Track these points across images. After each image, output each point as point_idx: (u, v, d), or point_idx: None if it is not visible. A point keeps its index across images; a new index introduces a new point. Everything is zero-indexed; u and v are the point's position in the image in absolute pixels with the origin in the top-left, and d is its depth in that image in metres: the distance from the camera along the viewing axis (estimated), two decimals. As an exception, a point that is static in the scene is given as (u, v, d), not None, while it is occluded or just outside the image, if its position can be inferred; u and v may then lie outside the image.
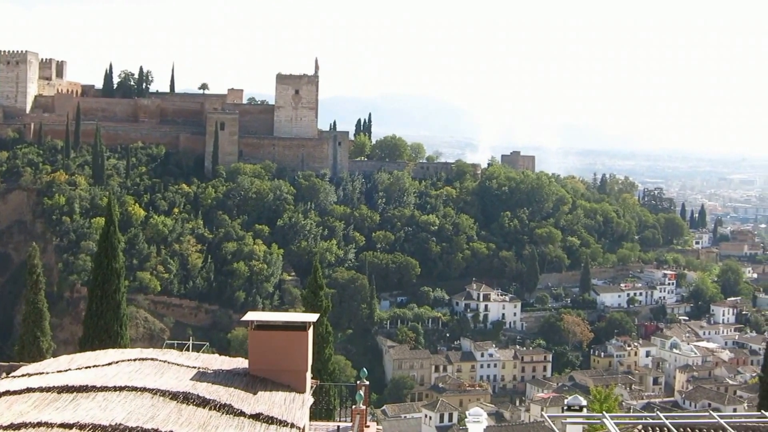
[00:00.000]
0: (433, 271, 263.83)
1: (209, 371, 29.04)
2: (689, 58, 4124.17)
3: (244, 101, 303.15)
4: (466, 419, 45.79)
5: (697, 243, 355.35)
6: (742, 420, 40.09)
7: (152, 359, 29.79)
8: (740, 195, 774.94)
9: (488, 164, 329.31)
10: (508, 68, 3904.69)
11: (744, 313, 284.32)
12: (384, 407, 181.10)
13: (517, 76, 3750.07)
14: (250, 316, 30.82)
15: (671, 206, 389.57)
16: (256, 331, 30.08)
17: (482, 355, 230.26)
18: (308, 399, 29.47)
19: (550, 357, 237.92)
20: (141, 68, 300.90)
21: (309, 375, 30.42)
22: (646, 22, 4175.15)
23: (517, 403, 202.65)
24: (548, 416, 28.57)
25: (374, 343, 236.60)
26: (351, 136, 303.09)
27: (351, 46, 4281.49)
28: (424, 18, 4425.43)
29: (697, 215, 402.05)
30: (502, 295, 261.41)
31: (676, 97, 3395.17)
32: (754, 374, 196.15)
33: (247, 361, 30.26)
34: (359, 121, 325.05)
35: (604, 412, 29.29)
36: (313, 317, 31.04)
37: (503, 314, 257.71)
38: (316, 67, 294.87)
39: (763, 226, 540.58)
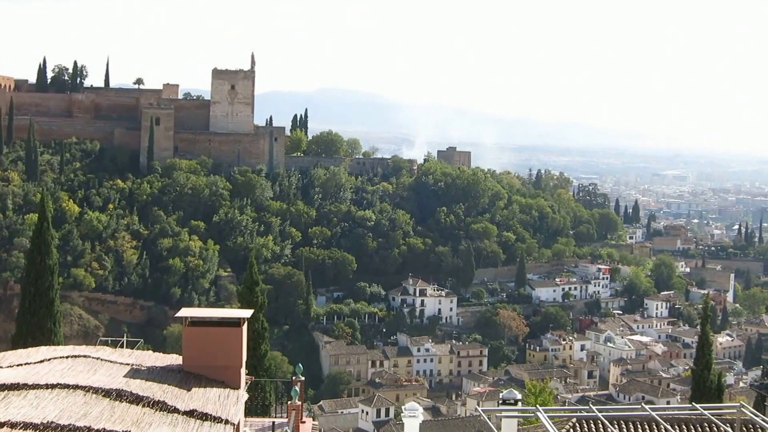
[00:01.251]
0: (369, 267, 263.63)
1: (143, 368, 28.89)
2: (623, 55, 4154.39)
3: (180, 96, 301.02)
4: (402, 414, 45.95)
5: (630, 238, 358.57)
6: (674, 413, 40.64)
7: (85, 356, 29.57)
8: (673, 190, 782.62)
9: (424, 160, 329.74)
10: (444, 64, 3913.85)
11: (677, 306, 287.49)
12: (321, 403, 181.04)
13: (453, 71, 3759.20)
14: (184, 312, 30.69)
15: (605, 202, 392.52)
16: (190, 327, 29.97)
17: (418, 350, 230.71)
18: (243, 395, 29.41)
19: (486, 351, 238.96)
20: (75, 63, 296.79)
21: (244, 371, 30.35)
22: (579, 16, 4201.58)
23: (454, 397, 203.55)
24: (482, 410, 28.75)
25: (311, 339, 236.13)
26: (287, 132, 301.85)
27: (287, 42, 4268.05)
28: (360, 13, 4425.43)
29: (630, 210, 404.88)
30: (438, 290, 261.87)
31: (610, 94, 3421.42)
32: (686, 367, 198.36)
33: (181, 357, 30.14)
34: (295, 116, 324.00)
35: (537, 406, 29.44)
36: (247, 313, 31.00)
37: (439, 309, 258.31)
38: (252, 62, 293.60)
39: (695, 221, 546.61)
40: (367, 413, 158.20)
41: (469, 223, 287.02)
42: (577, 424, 38.83)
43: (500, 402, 40.52)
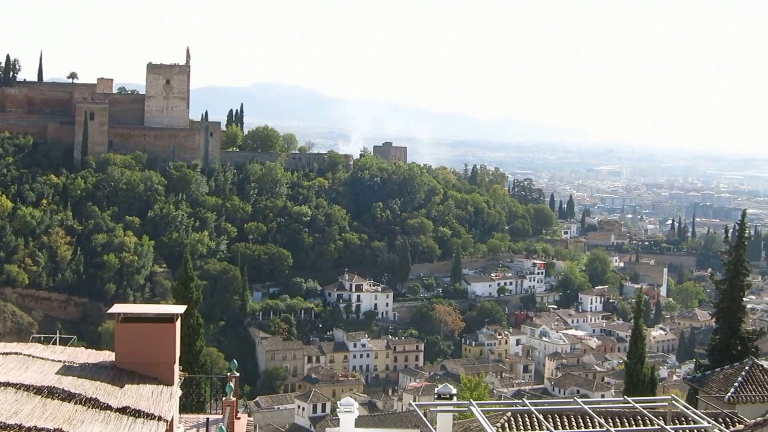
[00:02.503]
0: (305, 262, 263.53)
1: (75, 365, 28.64)
2: (557, 51, 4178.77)
3: (115, 91, 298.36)
4: (338, 409, 45.92)
5: (565, 233, 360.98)
6: (607, 406, 40.97)
7: (16, 353, 29.24)
8: (607, 186, 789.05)
9: (360, 155, 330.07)
10: (380, 59, 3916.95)
11: (611, 301, 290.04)
12: (257, 399, 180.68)
13: (389, 66, 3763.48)
14: (117, 308, 30.47)
15: (540, 197, 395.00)
16: (122, 323, 29.76)
17: (355, 346, 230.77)
18: (176, 391, 29.27)
19: (422, 346, 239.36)
20: (8, 56, 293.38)
21: (177, 367, 30.21)
22: (511, 12, 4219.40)
23: (390, 392, 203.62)
24: (416, 405, 28.83)
25: (247, 335, 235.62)
26: (223, 127, 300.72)
27: (223, 36, 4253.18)
28: (297, 7, 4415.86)
29: (565, 206, 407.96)
30: (374, 285, 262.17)
31: (545, 90, 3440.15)
32: (620, 361, 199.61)
33: (114, 354, 29.94)
34: (231, 111, 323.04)
35: (471, 400, 29.65)
36: (180, 309, 30.82)
37: (375, 304, 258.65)
38: (188, 57, 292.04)
39: (629, 216, 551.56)
40: (303, 409, 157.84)
41: (405, 219, 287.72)
42: (511, 418, 38.98)
43: (435, 397, 40.61)
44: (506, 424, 38.18)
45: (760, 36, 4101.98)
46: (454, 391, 41.50)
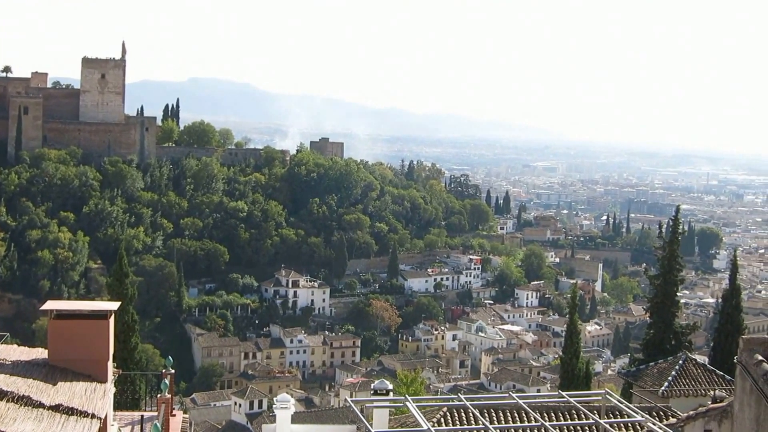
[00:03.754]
0: (242, 258, 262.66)
1: (7, 362, 28.35)
2: (493, 47, 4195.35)
3: (49, 85, 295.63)
4: (274, 405, 45.86)
5: (501, 228, 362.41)
6: (542, 400, 41.23)
7: (-54, 351, 28.93)
8: (543, 182, 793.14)
9: (297, 150, 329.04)
10: (317, 54, 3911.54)
11: (547, 296, 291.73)
12: (193, 395, 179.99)
13: (326, 61, 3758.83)
14: (50, 305, 30.20)
15: (477, 193, 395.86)
16: (55, 320, 29.49)
17: (291, 342, 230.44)
18: (110, 389, 29.05)
19: (358, 342, 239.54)
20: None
21: (111, 364, 29.99)
22: (446, 7, 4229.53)
23: (327, 388, 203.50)
24: (352, 401, 28.88)
25: (183, 331, 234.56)
26: (159, 122, 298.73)
27: (159, 30, 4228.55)
28: (232, 1, 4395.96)
29: (501, 201, 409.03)
30: (311, 281, 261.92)
31: (481, 85, 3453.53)
32: (556, 356, 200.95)
33: (47, 351, 29.67)
34: (167, 106, 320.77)
35: (406, 395, 29.67)
36: (114, 305, 30.59)
37: (312, 300, 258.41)
38: (123, 51, 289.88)
39: (565, 211, 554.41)
40: (239, 405, 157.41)
41: (341, 214, 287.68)
42: (447, 414, 39.16)
43: (372, 392, 40.72)
44: (442, 419, 38.34)
45: (693, 33, 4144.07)
46: (391, 386, 41.61)
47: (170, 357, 38.01)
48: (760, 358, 17.14)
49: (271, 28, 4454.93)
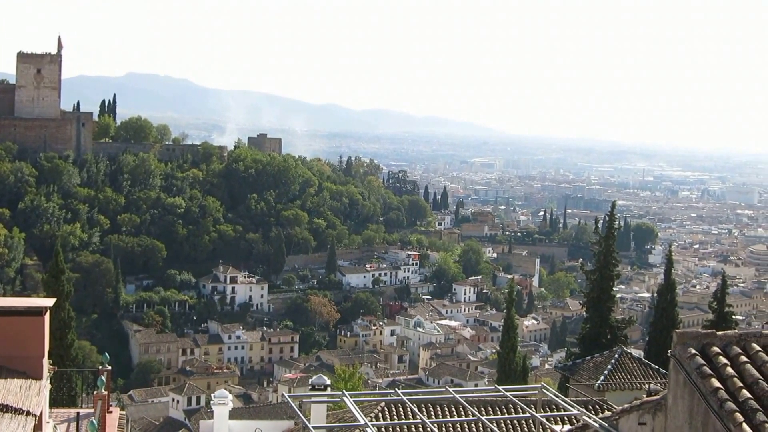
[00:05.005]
0: (179, 254, 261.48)
1: (-59, 359, 28.14)
2: (431, 43, 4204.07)
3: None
4: (211, 402, 45.78)
5: (439, 224, 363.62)
6: (479, 395, 41.46)
7: None
8: (481, 177, 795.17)
9: (235, 146, 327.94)
10: (254, 49, 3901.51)
11: (484, 291, 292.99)
12: (131, 392, 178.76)
13: (264, 56, 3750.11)
14: (-17, 302, 29.95)
15: (415, 188, 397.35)
16: (-10, 317, 29.27)
17: (229, 338, 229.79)
18: (46, 386, 28.90)
19: (297, 338, 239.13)
20: None
21: (47, 361, 29.80)
22: (383, 4, 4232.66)
23: (265, 384, 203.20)
24: (289, 396, 28.83)
25: (120, 328, 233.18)
26: (95, 117, 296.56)
27: (95, 25, 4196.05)
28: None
29: (439, 197, 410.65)
30: (249, 277, 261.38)
31: (419, 81, 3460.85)
32: (493, 350, 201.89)
33: (-19, 348, 29.42)
34: (104, 101, 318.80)
35: (344, 391, 29.78)
36: (50, 302, 30.39)
37: (250, 296, 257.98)
38: (59, 46, 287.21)
39: (502, 207, 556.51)
40: (178, 402, 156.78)
41: (279, 210, 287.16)
42: (385, 408, 39.29)
43: (310, 388, 40.77)
44: (380, 414, 38.49)
45: (628, 29, 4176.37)
46: (328, 381, 41.68)
47: (107, 353, 37.83)
48: (694, 351, 17.37)
49: (208, 23, 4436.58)
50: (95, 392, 34.02)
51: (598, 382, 57.52)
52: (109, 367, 35.51)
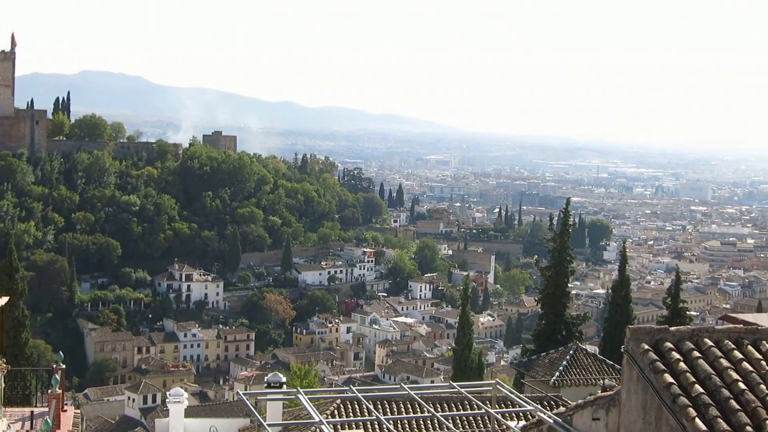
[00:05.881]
0: (134, 252, 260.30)
1: None
2: (385, 40, 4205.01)
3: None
4: (167, 400, 45.73)
5: (395, 221, 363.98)
6: (434, 391, 41.60)
7: None
8: (436, 175, 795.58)
9: (190, 144, 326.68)
10: (209, 46, 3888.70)
11: (440, 288, 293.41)
12: (86, 391, 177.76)
13: (219, 54, 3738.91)
14: (-63, 301, 29.81)
15: (370, 186, 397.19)
16: (-57, 316, 29.14)
17: (185, 336, 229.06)
18: None
19: (253, 335, 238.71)
20: None
21: (0, 360, 29.68)
22: (337, 1, 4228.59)
23: (221, 382, 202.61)
24: (243, 394, 28.86)
25: (75, 326, 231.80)
26: (49, 115, 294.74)
27: (49, 22, 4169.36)
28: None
29: (395, 194, 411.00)
30: (204, 275, 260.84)
31: (374, 78, 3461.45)
32: (449, 347, 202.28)
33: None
34: (58, 99, 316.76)
35: (299, 388, 29.80)
36: (3, 300, 30.29)
37: (206, 294, 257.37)
38: (13, 43, 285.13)
39: (458, 204, 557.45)
40: (133, 400, 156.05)
41: (235, 208, 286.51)
42: (341, 406, 39.37)
43: (265, 385, 40.84)
44: (336, 412, 38.57)
45: (582, 26, 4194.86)
46: (284, 379, 41.75)
47: (61, 352, 37.70)
48: (647, 347, 17.53)
49: (163, 20, 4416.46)
50: (50, 391, 33.92)
51: (554, 378, 57.83)
52: (64, 366, 35.40)
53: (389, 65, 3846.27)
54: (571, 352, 61.54)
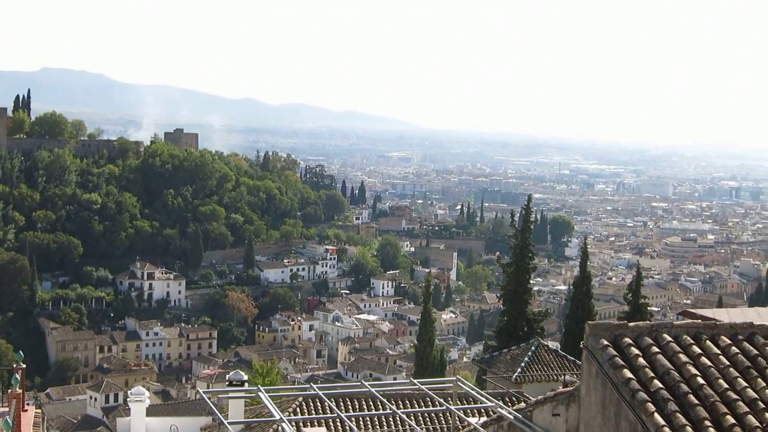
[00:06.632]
0: (96, 251, 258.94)
1: None
2: (345, 34, 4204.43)
3: None
4: (128, 399, 45.64)
5: (357, 218, 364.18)
6: (395, 388, 41.69)
7: None
8: (398, 172, 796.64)
9: (151, 142, 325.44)
10: (171, 43, 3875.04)
11: (402, 285, 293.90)
12: (48, 390, 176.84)
13: (180, 51, 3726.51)
14: None
15: (332, 183, 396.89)
16: None
17: (147, 334, 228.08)
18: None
19: (215, 334, 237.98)
20: None
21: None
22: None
23: (184, 380, 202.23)
24: (204, 392, 28.90)
25: (36, 325, 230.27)
26: (9, 113, 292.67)
27: (8, 19, 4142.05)
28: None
29: (357, 192, 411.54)
30: (166, 273, 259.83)
31: (336, 76, 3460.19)
32: (411, 344, 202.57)
33: None
34: (18, 97, 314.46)
35: (259, 386, 29.83)
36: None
37: (168, 292, 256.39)
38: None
39: (420, 201, 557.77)
40: (95, 399, 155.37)
41: (197, 206, 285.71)
42: (303, 403, 39.38)
43: (227, 383, 40.83)
44: (298, 409, 38.57)
45: (543, 24, 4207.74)
46: (245, 377, 41.75)
47: (21, 352, 37.55)
48: (606, 342, 17.62)
49: (124, 17, 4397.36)
50: (10, 391, 33.78)
51: (515, 374, 58.02)
52: (24, 366, 35.23)
53: (351, 62, 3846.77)
54: (532, 348, 61.74)
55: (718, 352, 17.45)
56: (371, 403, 38.41)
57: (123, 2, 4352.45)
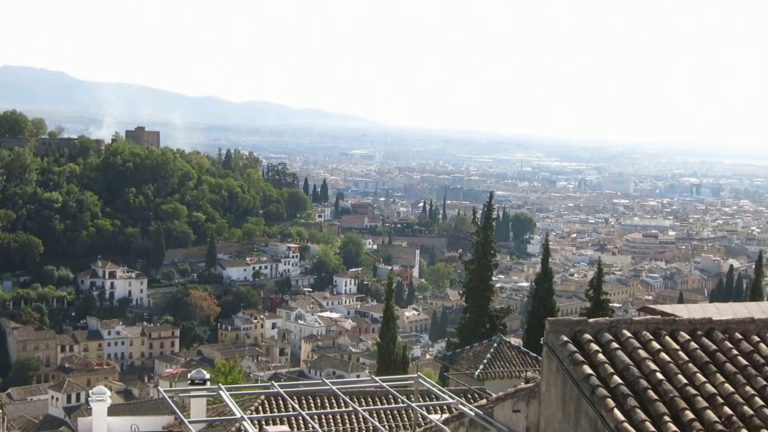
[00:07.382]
0: (57, 250, 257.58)
1: None
2: (307, 32, 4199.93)
3: None
4: (89, 398, 45.44)
5: (319, 216, 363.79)
6: (357, 386, 41.73)
7: None
8: (360, 170, 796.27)
9: (112, 140, 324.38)
10: (131, 40, 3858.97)
11: (365, 283, 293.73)
12: (9, 390, 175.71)
13: (141, 48, 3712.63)
14: None
15: (294, 181, 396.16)
16: None
17: (109, 333, 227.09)
18: None
19: (177, 332, 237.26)
20: None
21: None
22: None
23: (146, 379, 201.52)
24: (165, 391, 28.81)
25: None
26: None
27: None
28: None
29: (319, 189, 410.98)
30: (128, 272, 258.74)
31: (297, 73, 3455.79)
32: (374, 342, 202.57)
33: None
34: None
35: (220, 384, 29.77)
36: None
37: (130, 291, 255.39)
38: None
39: (382, 199, 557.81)
40: (57, 399, 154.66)
41: (158, 204, 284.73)
42: (265, 402, 39.37)
43: (189, 382, 40.70)
44: (259, 407, 38.53)
45: (503, 23, 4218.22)
46: (207, 376, 41.62)
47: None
48: (566, 339, 17.68)
49: (84, 14, 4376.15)
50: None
51: (478, 371, 58.12)
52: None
53: (314, 60, 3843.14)
54: (495, 345, 61.88)
55: (678, 347, 17.54)
56: (333, 400, 38.43)
57: (79, 1, 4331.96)
